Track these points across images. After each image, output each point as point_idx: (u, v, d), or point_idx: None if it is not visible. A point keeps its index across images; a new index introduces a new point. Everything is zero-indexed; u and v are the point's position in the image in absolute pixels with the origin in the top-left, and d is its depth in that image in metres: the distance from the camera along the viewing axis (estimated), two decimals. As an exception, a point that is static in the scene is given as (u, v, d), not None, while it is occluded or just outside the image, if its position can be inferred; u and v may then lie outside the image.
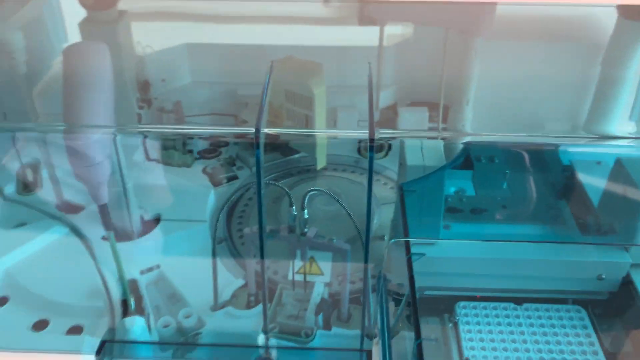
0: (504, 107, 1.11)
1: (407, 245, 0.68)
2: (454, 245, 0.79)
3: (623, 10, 0.89)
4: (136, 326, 0.67)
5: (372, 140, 0.65)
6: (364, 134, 0.63)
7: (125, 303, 0.76)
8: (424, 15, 0.92)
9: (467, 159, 1.08)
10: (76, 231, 0.87)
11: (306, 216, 0.72)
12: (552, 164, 0.99)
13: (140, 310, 0.76)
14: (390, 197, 0.99)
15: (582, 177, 0.88)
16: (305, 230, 0.72)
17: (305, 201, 0.71)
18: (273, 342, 0.73)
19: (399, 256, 0.78)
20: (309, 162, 1.06)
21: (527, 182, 0.99)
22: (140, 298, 0.77)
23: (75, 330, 0.75)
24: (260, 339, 0.74)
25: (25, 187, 0.98)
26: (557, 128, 1.14)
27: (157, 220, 0.90)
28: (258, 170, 0.61)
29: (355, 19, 1.15)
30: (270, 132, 0.72)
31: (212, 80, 1.17)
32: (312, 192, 0.71)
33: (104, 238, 0.84)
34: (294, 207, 0.71)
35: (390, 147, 1.13)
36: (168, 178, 0.99)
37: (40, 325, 0.75)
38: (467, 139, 1.00)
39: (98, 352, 0.69)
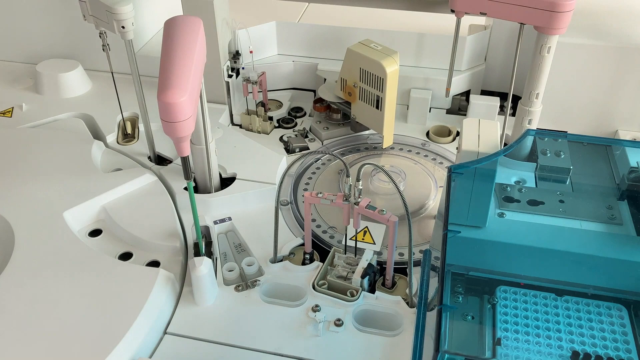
0: (575, 105, 1.12)
1: (445, 222, 0.73)
2: (503, 231, 0.83)
3: None
4: (204, 265, 0.77)
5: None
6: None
7: (197, 245, 0.86)
8: (501, 8, 0.94)
9: (533, 151, 1.10)
10: (162, 180, 0.98)
11: (360, 187, 0.78)
12: (619, 164, 0.99)
13: (209, 254, 0.86)
14: (450, 181, 1.04)
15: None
16: (359, 200, 0.79)
17: (360, 173, 0.78)
18: (322, 296, 0.81)
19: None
20: (377, 140, 1.13)
21: (590, 180, 1.00)
22: (210, 243, 0.87)
23: (153, 264, 0.86)
24: (310, 292, 0.81)
25: (125, 137, 1.12)
26: (628, 130, 1.13)
27: (233, 178, 1.00)
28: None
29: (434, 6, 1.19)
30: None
31: (296, 55, 1.25)
32: (366, 165, 0.77)
33: (185, 188, 0.95)
34: (349, 178, 0.78)
35: (458, 133, 1.16)
36: (247, 142, 1.08)
37: (125, 256, 0.88)
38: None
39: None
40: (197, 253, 0.86)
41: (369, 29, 1.18)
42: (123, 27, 0.89)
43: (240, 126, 1.19)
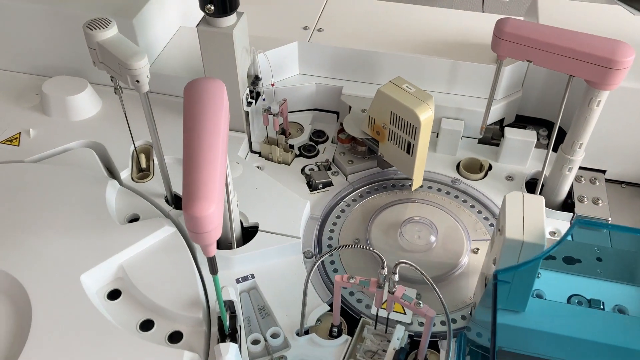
0: (617, 144, 1.05)
1: (493, 333, 0.69)
2: (542, 316, 0.79)
3: None
4: (229, 354, 0.74)
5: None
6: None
7: (220, 320, 0.82)
8: (550, 59, 0.86)
9: (568, 202, 1.04)
10: (182, 232, 0.94)
11: (396, 279, 0.74)
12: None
13: (233, 327, 0.82)
14: (480, 232, 0.99)
15: None
16: (394, 289, 0.74)
17: (397, 269, 0.73)
18: (350, 379, 0.78)
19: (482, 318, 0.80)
20: (405, 176, 1.07)
21: (632, 241, 0.95)
22: (234, 317, 0.84)
23: (176, 334, 0.84)
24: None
25: (139, 171, 1.06)
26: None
27: (255, 228, 0.95)
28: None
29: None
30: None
31: (318, 75, 1.17)
32: (402, 263, 0.72)
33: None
34: (385, 269, 0.74)
35: (490, 167, 1.10)
36: (268, 182, 1.03)
37: (146, 325, 0.84)
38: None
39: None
40: (221, 327, 0.82)
41: (398, 54, 1.09)
42: (138, 82, 0.82)
43: (260, 154, 1.13)
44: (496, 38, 0.89)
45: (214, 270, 0.70)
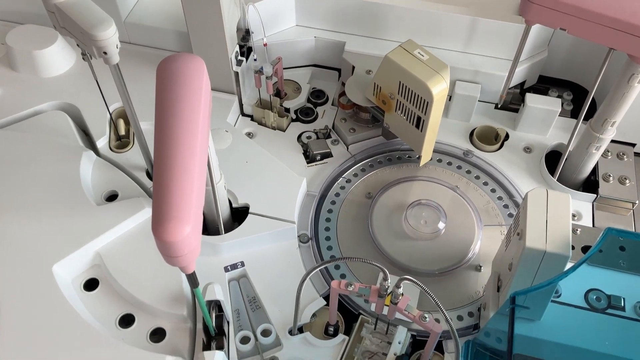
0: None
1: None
2: (559, 325, 0.72)
3: None
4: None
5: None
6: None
7: (206, 328, 0.75)
8: (587, 28, 0.73)
9: (591, 178, 0.94)
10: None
11: (400, 292, 0.66)
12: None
13: (220, 328, 0.76)
14: (492, 215, 0.90)
15: None
16: (397, 301, 0.67)
17: (401, 284, 0.65)
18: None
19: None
20: (412, 149, 0.96)
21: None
22: (221, 317, 0.77)
23: (158, 331, 0.77)
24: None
25: (118, 139, 0.96)
26: None
27: (245, 210, 0.87)
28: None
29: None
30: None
31: (318, 27, 1.04)
32: (406, 280, 0.64)
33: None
34: (387, 281, 0.65)
35: (507, 136, 0.99)
36: (260, 155, 0.93)
37: (126, 320, 0.78)
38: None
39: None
40: (207, 331, 0.75)
41: (410, 7, 0.95)
42: (105, 53, 0.70)
43: (252, 118, 1.02)
44: (526, 1, 0.75)
45: (194, 284, 0.62)
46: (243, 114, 1.03)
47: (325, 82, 1.07)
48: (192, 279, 0.61)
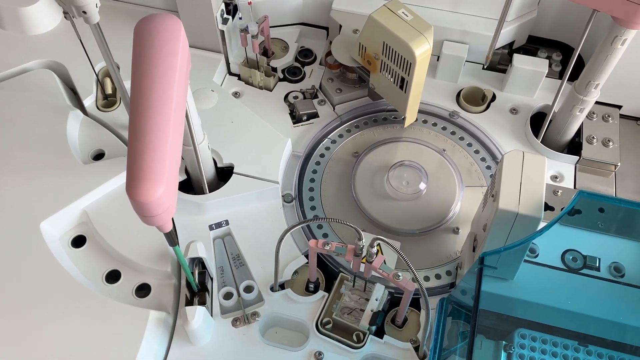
0: (636, 86, 0.93)
1: (474, 315, 0.64)
2: (531, 285, 0.73)
3: None
4: (196, 318, 0.70)
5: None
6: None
7: (189, 286, 0.77)
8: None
9: (576, 140, 0.95)
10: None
11: (374, 250, 0.67)
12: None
13: (202, 285, 0.78)
14: (475, 177, 0.91)
15: None
16: (372, 259, 0.68)
17: (375, 244, 0.66)
18: (325, 340, 0.75)
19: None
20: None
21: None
22: (204, 274, 0.79)
23: (144, 286, 0.80)
24: (313, 334, 0.75)
25: (105, 98, 0.96)
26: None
27: (230, 170, 0.88)
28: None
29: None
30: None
31: (307, -15, 1.02)
32: (378, 240, 0.65)
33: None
34: (362, 241, 0.67)
35: (494, 97, 0.99)
36: (246, 116, 0.93)
37: (112, 276, 0.80)
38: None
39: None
40: (191, 290, 0.78)
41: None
42: (85, 12, 0.70)
43: (239, 77, 1.02)
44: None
45: (172, 242, 0.64)
46: (230, 73, 1.02)
47: (313, 41, 1.07)
48: (170, 238, 0.62)
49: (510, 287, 0.74)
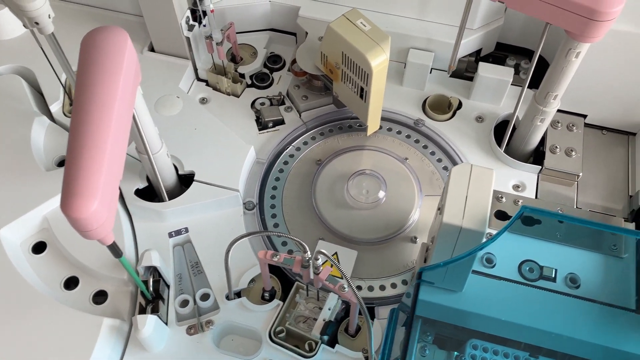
0: (600, 89, 0.93)
1: (410, 322, 0.65)
2: (481, 297, 0.74)
3: None
4: (147, 326, 0.71)
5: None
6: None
7: (146, 284, 0.78)
8: (525, 2, 0.72)
9: (540, 149, 0.95)
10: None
11: (319, 263, 0.68)
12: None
13: (157, 292, 0.79)
14: (436, 186, 0.91)
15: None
16: (319, 272, 0.69)
17: (320, 258, 0.67)
18: (277, 349, 0.76)
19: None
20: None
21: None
22: (159, 282, 0.79)
23: (101, 293, 0.80)
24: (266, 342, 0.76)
25: (72, 104, 0.97)
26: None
27: (191, 177, 0.88)
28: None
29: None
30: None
31: (274, -8, 1.03)
32: (321, 254, 0.66)
33: (136, 193, 0.85)
34: (307, 253, 0.68)
35: (460, 104, 0.99)
36: (209, 122, 0.94)
37: (71, 283, 0.81)
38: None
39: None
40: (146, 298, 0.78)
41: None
42: (37, 24, 0.70)
43: (207, 83, 1.02)
44: (464, -29, 0.74)
45: (116, 254, 0.64)
46: (198, 79, 1.03)
47: (283, 47, 1.07)
48: (113, 250, 0.63)
49: (462, 299, 0.74)
